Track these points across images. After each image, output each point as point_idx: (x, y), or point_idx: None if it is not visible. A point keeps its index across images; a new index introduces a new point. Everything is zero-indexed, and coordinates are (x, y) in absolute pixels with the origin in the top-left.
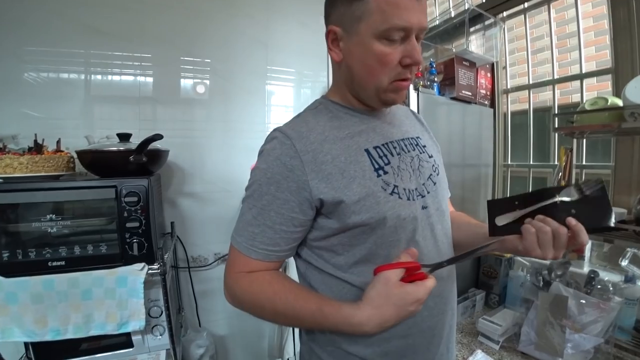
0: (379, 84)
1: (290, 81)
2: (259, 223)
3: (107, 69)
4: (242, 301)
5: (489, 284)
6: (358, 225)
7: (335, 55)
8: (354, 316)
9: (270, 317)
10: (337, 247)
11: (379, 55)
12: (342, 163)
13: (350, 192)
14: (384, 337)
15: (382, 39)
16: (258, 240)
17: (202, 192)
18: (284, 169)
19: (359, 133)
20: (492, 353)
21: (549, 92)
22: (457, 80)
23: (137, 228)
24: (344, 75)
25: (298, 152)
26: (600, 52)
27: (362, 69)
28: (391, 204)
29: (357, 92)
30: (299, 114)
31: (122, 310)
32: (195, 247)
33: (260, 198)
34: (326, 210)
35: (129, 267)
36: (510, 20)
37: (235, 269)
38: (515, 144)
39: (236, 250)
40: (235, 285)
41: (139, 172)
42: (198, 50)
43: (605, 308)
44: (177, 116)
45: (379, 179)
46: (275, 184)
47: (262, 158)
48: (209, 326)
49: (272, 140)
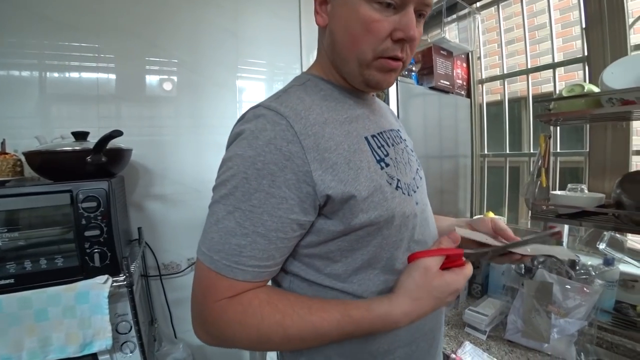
0: (361, 55)
1: (261, 73)
2: (246, 231)
3: (64, 62)
4: (232, 337)
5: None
6: (365, 225)
7: (320, 19)
8: (390, 314)
9: (279, 346)
10: (335, 254)
11: (365, 20)
12: (346, 152)
13: (360, 185)
14: (390, 349)
15: (371, 1)
16: (246, 254)
17: (171, 193)
18: (279, 157)
19: (357, 118)
20: (479, 343)
21: (520, 83)
22: (435, 70)
23: (98, 236)
24: (327, 44)
25: (297, 135)
26: (567, 43)
27: (344, 35)
28: (397, 200)
29: (337, 65)
30: (285, 90)
31: (85, 330)
32: (166, 253)
33: (248, 197)
34: (329, 209)
35: (90, 280)
36: (483, 12)
37: (213, 297)
38: (490, 134)
39: (212, 271)
40: (218, 319)
41: (98, 174)
42: (164, 42)
43: (589, 292)
44: (143, 113)
45: (382, 171)
46: (269, 176)
47: (245, 142)
48: (186, 337)
49: (258, 119)
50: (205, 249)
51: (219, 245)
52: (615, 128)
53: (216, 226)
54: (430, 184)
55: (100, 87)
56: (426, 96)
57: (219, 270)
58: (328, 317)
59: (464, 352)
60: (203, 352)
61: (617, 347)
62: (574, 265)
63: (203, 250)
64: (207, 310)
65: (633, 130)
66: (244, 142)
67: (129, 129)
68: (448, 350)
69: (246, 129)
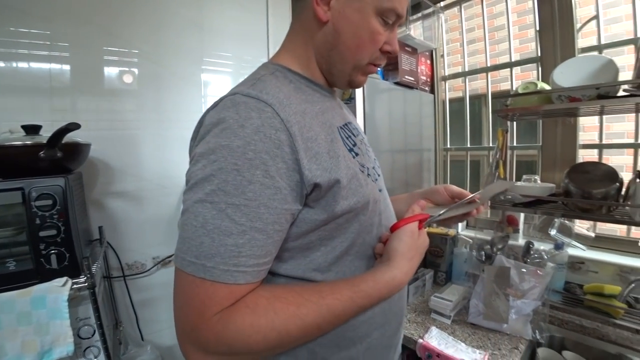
0: (360, 61)
1: (228, 67)
2: (243, 229)
3: (11, 50)
4: (246, 346)
5: (436, 263)
6: (345, 212)
7: (322, 13)
8: (395, 277)
9: (297, 339)
10: (315, 244)
11: (374, 32)
12: (324, 141)
13: (341, 172)
14: (367, 332)
15: (379, 16)
16: (245, 254)
17: (133, 190)
18: (270, 145)
19: (327, 110)
20: (445, 328)
21: (480, 80)
22: (400, 65)
23: (55, 236)
24: (324, 39)
25: (284, 123)
26: (523, 44)
27: (352, 39)
28: (370, 186)
29: (332, 63)
30: (258, 78)
31: (43, 337)
32: (129, 252)
33: (242, 190)
34: (314, 197)
35: (47, 284)
36: (447, 11)
37: (210, 311)
38: (453, 129)
39: (206, 282)
40: (224, 333)
41: (53, 171)
42: (123, 31)
43: (541, 274)
44: (101, 106)
45: (355, 160)
46: (262, 166)
47: (229, 131)
48: (153, 338)
49: (238, 106)
50: (192, 257)
51: (211, 250)
52: (564, 124)
53: (204, 229)
54: (396, 177)
55: (53, 78)
56: (391, 92)
57: (215, 278)
58: (340, 297)
59: (431, 336)
60: (172, 352)
61: (566, 323)
62: (529, 250)
63: (190, 259)
64: (206, 329)
65: (580, 126)
66: (227, 131)
67: (87, 122)
68: (415, 336)
69: (227, 117)
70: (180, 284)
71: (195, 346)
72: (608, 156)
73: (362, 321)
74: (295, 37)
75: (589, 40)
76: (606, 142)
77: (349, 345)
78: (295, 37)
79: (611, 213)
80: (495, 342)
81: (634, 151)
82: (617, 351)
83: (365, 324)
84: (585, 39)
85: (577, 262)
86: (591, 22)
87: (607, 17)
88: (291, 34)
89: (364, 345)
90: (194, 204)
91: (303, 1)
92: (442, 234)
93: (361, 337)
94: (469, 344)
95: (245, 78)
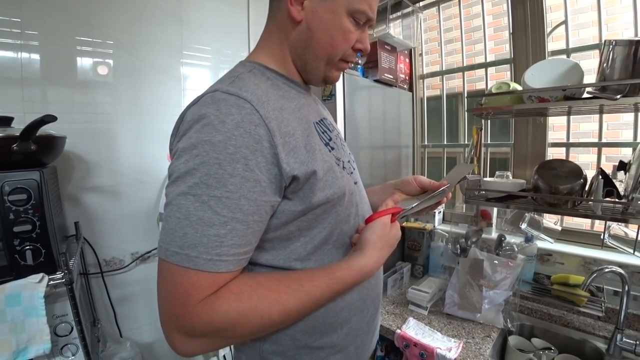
0: (333, 57)
1: (207, 60)
2: (225, 219)
3: None
4: (231, 330)
5: (413, 256)
6: (322, 203)
7: (295, 13)
8: (366, 265)
9: (278, 324)
10: (294, 234)
11: (345, 31)
12: (301, 136)
13: (317, 165)
14: (345, 317)
15: (350, 17)
16: (227, 244)
17: (110, 185)
18: (250, 140)
19: (303, 106)
20: (422, 318)
21: (457, 79)
22: (380, 64)
23: (30, 232)
24: (298, 37)
25: (263, 119)
26: (498, 45)
27: (325, 36)
28: (345, 178)
29: (306, 61)
30: (236, 75)
31: (18, 335)
32: (107, 248)
33: (223, 182)
34: (293, 189)
35: (22, 280)
36: (425, 11)
37: (195, 298)
38: (430, 127)
39: (190, 271)
40: (210, 318)
41: (26, 164)
42: (99, 20)
43: (512, 266)
44: (75, 98)
45: (331, 153)
46: (243, 160)
47: (210, 127)
48: (132, 335)
49: (219, 103)
50: (176, 248)
51: (194, 240)
52: (535, 123)
53: (187, 220)
54: (375, 173)
55: (24, 68)
56: (371, 89)
57: (199, 267)
58: (318, 284)
59: (408, 327)
60: (152, 349)
61: (535, 312)
62: (501, 243)
63: (174, 250)
64: (192, 315)
65: (550, 125)
66: (208, 127)
67: (60, 115)
68: (394, 327)
69: (208, 114)
70: (164, 274)
71: (181, 333)
72: (575, 154)
73: (342, 307)
74: (270, 36)
75: (559, 44)
76: (573, 141)
77: (330, 331)
78: (270, 36)
79: (576, 207)
80: (469, 331)
81: (598, 150)
82: (580, 337)
83: (345, 310)
84: (555, 42)
85: (546, 254)
86: (560, 26)
87: (576, 22)
88: (266, 33)
89: (344, 330)
90: (177, 197)
91: (278, 2)
92: (420, 228)
93: (341, 323)
94: (445, 334)
95: (223, 75)
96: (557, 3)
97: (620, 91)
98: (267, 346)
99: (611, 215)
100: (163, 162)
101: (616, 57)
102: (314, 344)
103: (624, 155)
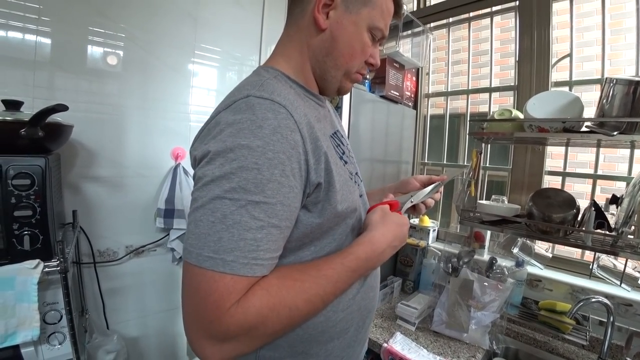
0: (350, 68)
1: (216, 61)
2: (262, 224)
3: None
4: (262, 327)
5: (405, 272)
6: (338, 215)
7: (322, 21)
8: (374, 236)
9: (305, 314)
10: (306, 244)
11: (364, 44)
12: (324, 146)
13: (336, 178)
14: (344, 328)
15: (369, 31)
16: (263, 248)
17: (111, 176)
18: (287, 146)
19: (321, 118)
20: (409, 334)
21: (461, 100)
22: (387, 80)
23: (30, 217)
24: (321, 45)
25: (297, 125)
26: (504, 71)
27: (347, 47)
28: (357, 193)
29: (326, 69)
30: (264, 80)
31: (8, 319)
32: (102, 239)
33: (262, 188)
34: (313, 199)
35: (17, 265)
36: (435, 32)
37: (229, 302)
38: (431, 145)
39: (226, 276)
40: (245, 318)
41: (32, 150)
42: (113, 11)
43: (502, 289)
44: (82, 86)
45: (345, 167)
46: (280, 165)
47: (247, 132)
48: (119, 328)
49: (254, 108)
50: (210, 252)
51: (231, 244)
52: (533, 150)
53: (222, 224)
54: (373, 185)
55: (38, 53)
56: (376, 103)
57: (236, 271)
58: (334, 265)
59: (395, 341)
60: (137, 343)
61: (522, 336)
62: (492, 266)
63: (207, 255)
64: (226, 318)
65: (548, 152)
66: (245, 132)
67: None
68: (381, 340)
69: (244, 119)
70: (196, 280)
71: (212, 339)
72: (571, 183)
73: (342, 318)
74: (289, 42)
75: (563, 74)
76: (569, 171)
77: (327, 341)
78: (290, 42)
79: (567, 237)
80: (455, 350)
81: (593, 181)
82: None
83: (344, 320)
84: (559, 73)
85: (535, 280)
86: (565, 58)
87: (581, 55)
88: (285, 38)
89: (340, 340)
90: (212, 201)
91: (302, 10)
92: (413, 244)
93: (339, 333)
94: (431, 351)
95: (246, 80)
96: (564, 35)
97: (617, 128)
98: (264, 351)
99: (601, 247)
100: (166, 158)
101: (616, 95)
102: (310, 351)
103: (618, 188)
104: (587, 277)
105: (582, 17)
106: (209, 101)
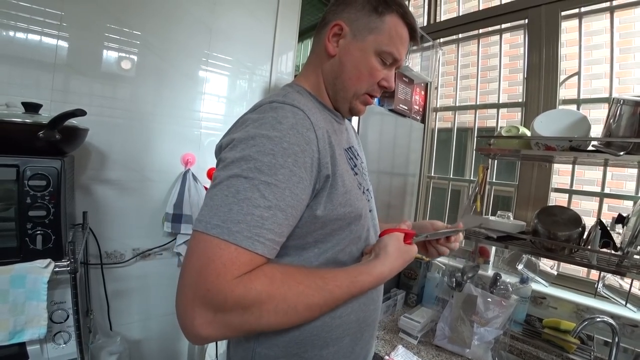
0: (358, 90)
1: (227, 70)
2: (270, 204)
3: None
4: (257, 312)
5: (409, 285)
6: (340, 218)
7: (331, 48)
8: (383, 272)
9: (301, 317)
10: (310, 245)
11: (372, 68)
12: (336, 153)
13: (344, 180)
14: (339, 335)
15: (378, 56)
16: (267, 227)
17: (121, 179)
18: (301, 140)
19: (336, 131)
20: (411, 347)
21: (469, 115)
22: (396, 94)
23: (44, 217)
24: (331, 69)
25: (313, 126)
26: (512, 87)
27: (353, 71)
28: (363, 202)
29: (336, 90)
30: (287, 92)
31: (17, 316)
32: (110, 241)
33: (274, 171)
34: (319, 196)
35: (29, 264)
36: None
37: (233, 273)
38: (438, 159)
39: (230, 245)
40: (244, 295)
41: (48, 152)
42: (129, 18)
43: (506, 305)
44: (96, 90)
45: (355, 177)
46: (293, 155)
47: (268, 125)
48: (122, 330)
49: (277, 109)
50: (219, 221)
51: (239, 216)
52: (540, 167)
53: (235, 197)
54: (379, 198)
55: (58, 56)
56: (385, 116)
57: (238, 242)
58: (340, 284)
59: (397, 354)
60: (140, 347)
61: (525, 354)
62: (496, 282)
63: (215, 223)
64: (226, 288)
65: (555, 169)
66: (266, 125)
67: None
68: (382, 353)
69: (267, 117)
70: (200, 247)
71: (205, 307)
72: (578, 200)
73: (338, 325)
74: (309, 67)
75: (571, 91)
76: (576, 188)
77: (322, 346)
78: (310, 67)
79: (572, 255)
80: None
81: (599, 199)
82: None
83: (339, 328)
84: (567, 90)
85: (540, 297)
86: (574, 76)
87: (589, 73)
88: (307, 63)
89: (335, 348)
90: (229, 178)
91: (319, 39)
92: (418, 257)
93: (334, 340)
94: None
95: (273, 93)
96: (572, 52)
97: (624, 148)
98: (260, 349)
99: (606, 266)
100: (176, 163)
101: (623, 115)
102: (304, 355)
103: (626, 207)
104: (592, 296)
105: (590, 35)
106: (219, 108)
